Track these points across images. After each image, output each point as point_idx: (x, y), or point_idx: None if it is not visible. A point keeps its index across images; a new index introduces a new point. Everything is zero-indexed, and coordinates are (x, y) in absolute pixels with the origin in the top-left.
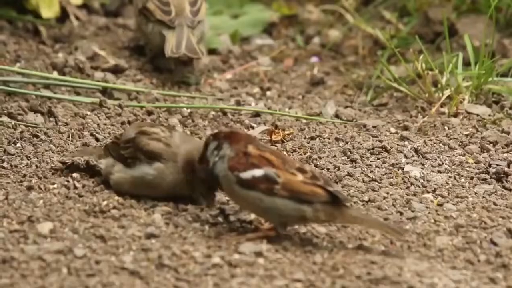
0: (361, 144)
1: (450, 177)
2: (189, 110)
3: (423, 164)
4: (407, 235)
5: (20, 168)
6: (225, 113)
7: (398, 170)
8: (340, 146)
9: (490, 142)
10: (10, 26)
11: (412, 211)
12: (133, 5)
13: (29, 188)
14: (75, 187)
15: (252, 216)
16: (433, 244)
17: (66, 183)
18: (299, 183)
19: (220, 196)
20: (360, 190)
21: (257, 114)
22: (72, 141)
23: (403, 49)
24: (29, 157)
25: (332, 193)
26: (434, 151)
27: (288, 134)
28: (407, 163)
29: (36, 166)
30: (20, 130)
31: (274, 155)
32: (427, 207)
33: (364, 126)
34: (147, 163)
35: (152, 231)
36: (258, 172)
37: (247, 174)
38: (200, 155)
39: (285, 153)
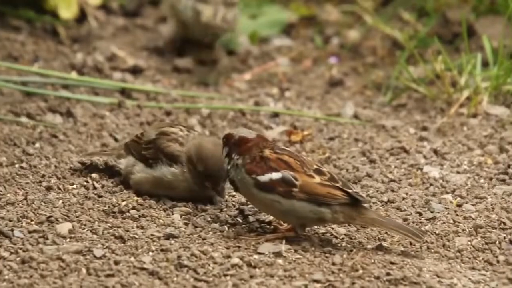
0: (380, 145)
1: (469, 177)
2: (208, 111)
3: (442, 165)
4: (426, 237)
5: (39, 168)
6: (244, 114)
7: (417, 170)
8: (359, 146)
9: (509, 143)
10: (29, 27)
11: (431, 212)
12: None
13: (48, 188)
14: (94, 188)
15: (271, 216)
16: (452, 245)
17: (85, 183)
18: (316, 186)
19: (239, 197)
20: (379, 190)
21: (275, 115)
22: (90, 141)
23: (422, 49)
24: (48, 157)
25: (351, 195)
26: (453, 152)
27: (307, 135)
28: (426, 164)
29: (55, 166)
30: (39, 130)
31: (292, 157)
32: (446, 208)
33: (383, 126)
34: (168, 164)
35: (171, 231)
36: (275, 175)
37: (265, 178)
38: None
39: (304, 153)
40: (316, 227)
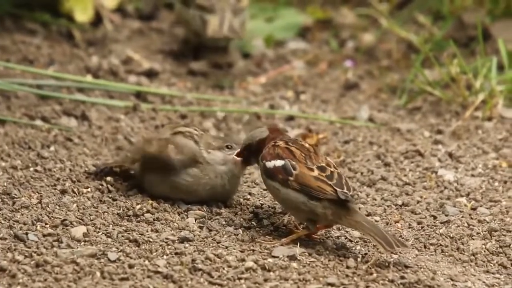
0: (395, 148)
1: (483, 181)
2: (223, 114)
3: (456, 168)
4: (399, 250)
5: (54, 171)
6: (259, 117)
7: (431, 174)
8: (374, 150)
9: None
10: (44, 30)
11: (446, 215)
12: None
13: (63, 191)
14: (109, 191)
15: (286, 219)
16: (467, 248)
17: (99, 186)
18: (310, 178)
19: (254, 200)
20: (394, 194)
21: (291, 118)
22: (105, 144)
23: (437, 53)
24: (63, 160)
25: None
26: (468, 155)
27: (322, 138)
28: (441, 167)
29: (70, 169)
30: (54, 133)
31: (299, 150)
32: (460, 211)
33: (398, 130)
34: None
35: (185, 235)
36: (279, 162)
37: (270, 164)
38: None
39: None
40: (329, 230)
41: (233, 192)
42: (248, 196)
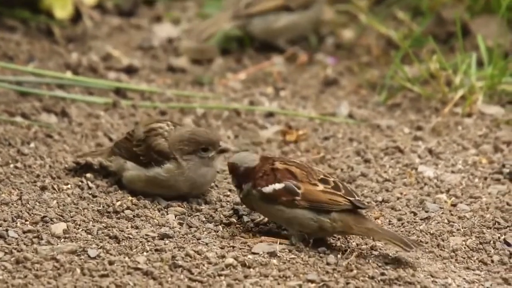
0: (374, 144)
1: (463, 177)
2: (202, 110)
3: (436, 165)
4: (417, 251)
5: (34, 168)
6: (238, 113)
7: (411, 170)
8: (353, 146)
9: (504, 142)
10: (24, 26)
11: (426, 212)
12: None
13: (43, 188)
14: (89, 188)
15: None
16: (447, 245)
17: (79, 183)
18: (318, 193)
19: (234, 197)
20: (374, 190)
21: (270, 114)
22: (85, 141)
23: (417, 49)
24: (43, 157)
25: (352, 202)
26: (447, 151)
27: (301, 135)
28: (421, 163)
29: (50, 166)
30: (34, 130)
31: (299, 168)
32: (440, 208)
33: (378, 126)
34: (160, 162)
35: (165, 231)
36: (278, 186)
37: (269, 189)
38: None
39: (305, 159)
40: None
41: (212, 181)
42: (228, 193)
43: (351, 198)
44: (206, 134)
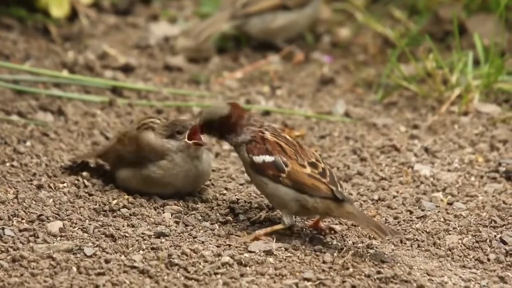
0: (371, 143)
1: (460, 176)
2: (199, 109)
3: (433, 163)
4: (394, 238)
5: (30, 166)
6: None
7: (408, 168)
8: (350, 144)
9: (500, 141)
10: (20, 25)
11: (422, 210)
12: None
13: (39, 186)
14: (85, 186)
15: (263, 215)
16: (443, 243)
17: (76, 181)
18: (304, 175)
19: (230, 195)
20: (370, 188)
21: (267, 113)
22: (82, 139)
23: (413, 47)
24: (39, 155)
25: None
26: (444, 150)
27: (298, 136)
28: (417, 162)
29: (46, 164)
30: (30, 128)
31: (287, 145)
32: (437, 206)
33: (374, 124)
34: (153, 159)
35: (162, 230)
36: (268, 158)
37: (259, 158)
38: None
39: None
40: (305, 218)
41: (207, 175)
42: (224, 191)
43: (333, 188)
44: (183, 120)
